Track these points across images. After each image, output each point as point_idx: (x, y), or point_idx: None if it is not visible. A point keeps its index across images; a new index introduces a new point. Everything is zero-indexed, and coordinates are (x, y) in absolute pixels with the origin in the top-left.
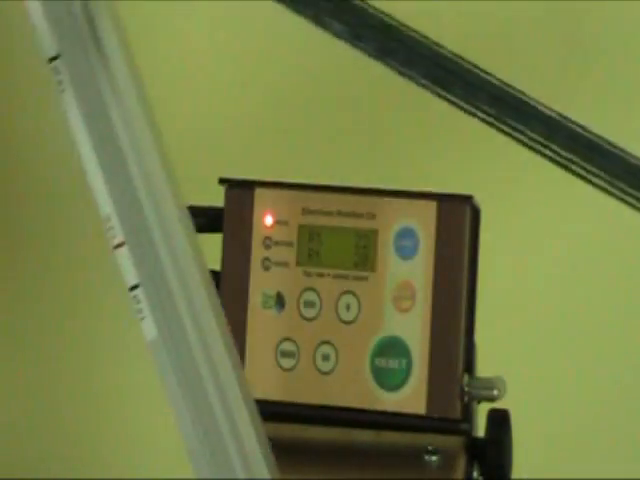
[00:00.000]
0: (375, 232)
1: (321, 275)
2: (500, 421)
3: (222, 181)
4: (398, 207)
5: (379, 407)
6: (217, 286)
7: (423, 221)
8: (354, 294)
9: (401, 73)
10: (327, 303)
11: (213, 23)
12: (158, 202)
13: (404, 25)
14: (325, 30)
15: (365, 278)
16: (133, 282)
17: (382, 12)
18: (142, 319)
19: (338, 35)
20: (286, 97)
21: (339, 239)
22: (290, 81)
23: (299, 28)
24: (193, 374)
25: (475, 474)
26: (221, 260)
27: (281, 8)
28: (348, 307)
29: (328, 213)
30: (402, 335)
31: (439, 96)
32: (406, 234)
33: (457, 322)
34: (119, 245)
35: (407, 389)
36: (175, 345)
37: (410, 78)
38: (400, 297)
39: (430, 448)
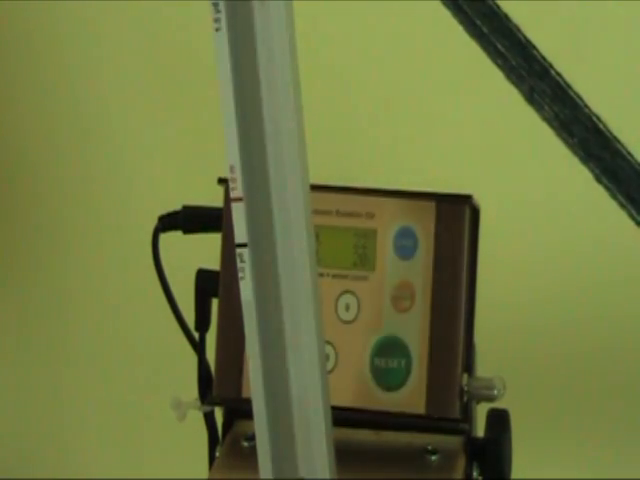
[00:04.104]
0: (374, 232)
1: (320, 275)
2: (500, 421)
3: (221, 181)
4: (397, 207)
5: (378, 407)
6: (216, 286)
7: (422, 221)
8: (353, 294)
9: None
10: (326, 303)
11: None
12: (284, 166)
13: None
14: (533, 107)
15: (364, 278)
16: (241, 240)
17: (595, 114)
18: (241, 278)
19: (544, 117)
20: None
21: (338, 239)
22: None
23: (299, 28)
24: (278, 342)
25: (474, 474)
26: (220, 260)
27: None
28: (347, 307)
29: (327, 213)
30: (401, 335)
31: None
32: (405, 234)
33: (456, 322)
34: (237, 199)
35: (406, 389)
36: (266, 311)
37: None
38: (399, 297)
39: (429, 448)
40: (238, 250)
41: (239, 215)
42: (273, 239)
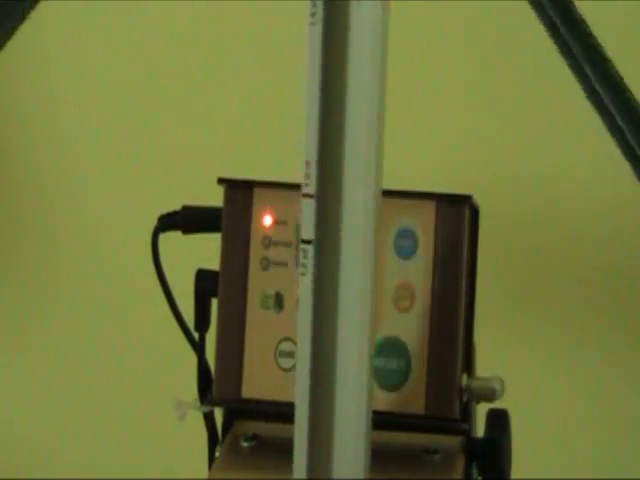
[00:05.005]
0: None
1: None
2: (499, 421)
3: (221, 181)
4: (397, 207)
5: (378, 407)
6: (215, 286)
7: (422, 221)
8: None
9: None
10: None
11: (212, 21)
12: (359, 168)
13: None
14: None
15: None
16: (307, 236)
17: None
18: (302, 274)
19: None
20: (286, 97)
21: None
22: (290, 81)
23: (301, 27)
24: (329, 342)
25: (474, 474)
26: (220, 260)
27: (283, 7)
28: None
29: None
30: (401, 335)
31: None
32: (405, 234)
33: (456, 322)
34: (308, 195)
35: (406, 389)
36: (322, 311)
37: None
38: (399, 297)
39: (429, 448)
40: (303, 246)
41: (308, 211)
42: (339, 240)
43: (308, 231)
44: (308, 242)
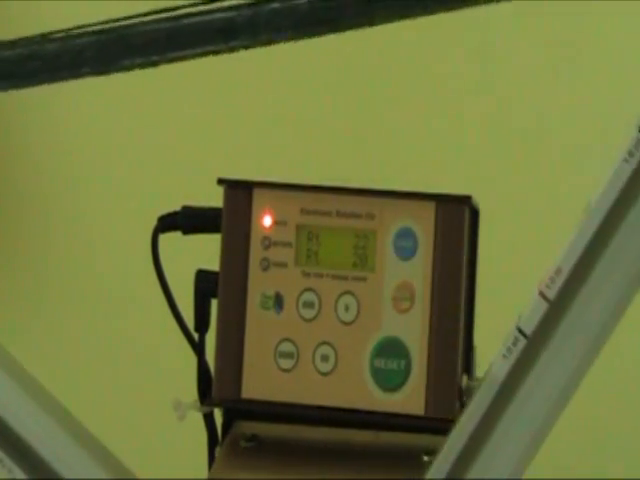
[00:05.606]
0: (374, 233)
1: (320, 276)
2: None
3: (221, 181)
4: (397, 208)
5: (378, 408)
6: (215, 287)
7: (422, 222)
8: (353, 295)
9: None
10: (326, 304)
11: None
12: (601, 301)
13: None
14: None
15: (364, 279)
16: (526, 330)
17: None
18: (504, 356)
19: None
20: (286, 97)
21: (338, 239)
22: (290, 81)
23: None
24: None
25: None
26: (220, 260)
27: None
28: (347, 308)
29: (327, 213)
30: (401, 336)
31: None
32: (405, 235)
33: (456, 323)
34: (545, 297)
35: (406, 390)
36: (503, 393)
37: None
38: (399, 298)
39: (429, 449)
40: (517, 334)
41: (537, 310)
42: (548, 347)
43: (529, 326)
44: (524, 335)
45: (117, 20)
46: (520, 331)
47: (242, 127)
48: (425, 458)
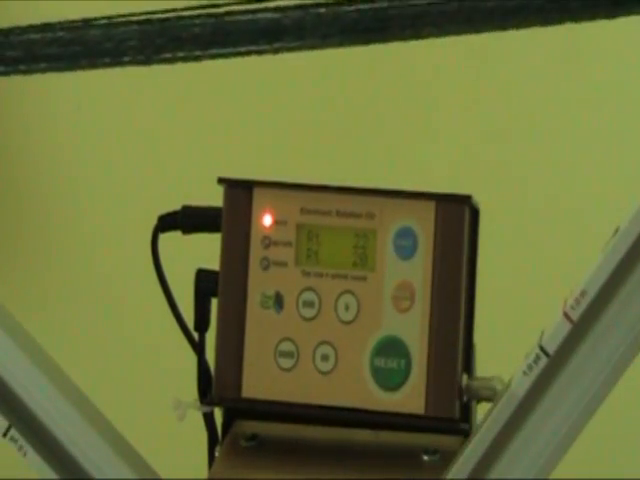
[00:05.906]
0: (374, 232)
1: (320, 275)
2: None
3: (221, 181)
4: (397, 207)
5: (378, 407)
6: (215, 286)
7: (422, 221)
8: (353, 294)
9: None
10: (326, 303)
11: None
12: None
13: None
14: None
15: (364, 278)
16: (548, 349)
17: None
18: (524, 373)
19: None
20: (286, 97)
21: (338, 239)
22: (290, 81)
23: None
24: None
25: None
26: (220, 260)
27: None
28: (347, 307)
29: (327, 213)
30: (401, 335)
31: None
32: (405, 234)
33: (456, 322)
34: (569, 318)
35: (406, 389)
36: (521, 405)
37: None
38: (399, 297)
39: (429, 448)
40: (538, 351)
41: (561, 330)
42: (570, 366)
43: (551, 345)
44: (546, 353)
45: (162, 12)
46: (542, 349)
47: (242, 127)
48: (425, 457)
